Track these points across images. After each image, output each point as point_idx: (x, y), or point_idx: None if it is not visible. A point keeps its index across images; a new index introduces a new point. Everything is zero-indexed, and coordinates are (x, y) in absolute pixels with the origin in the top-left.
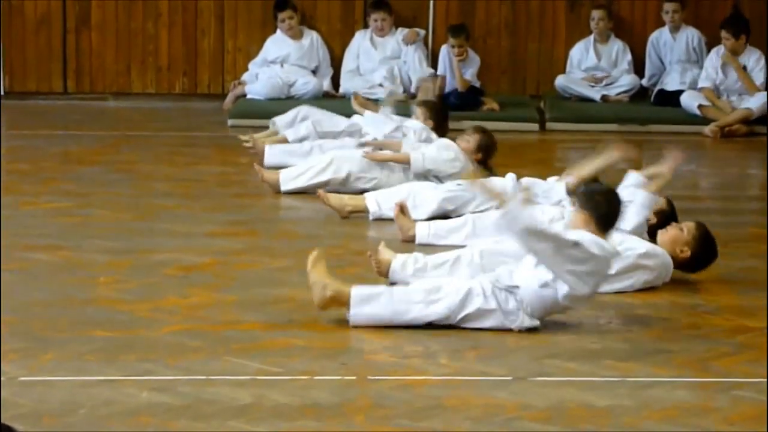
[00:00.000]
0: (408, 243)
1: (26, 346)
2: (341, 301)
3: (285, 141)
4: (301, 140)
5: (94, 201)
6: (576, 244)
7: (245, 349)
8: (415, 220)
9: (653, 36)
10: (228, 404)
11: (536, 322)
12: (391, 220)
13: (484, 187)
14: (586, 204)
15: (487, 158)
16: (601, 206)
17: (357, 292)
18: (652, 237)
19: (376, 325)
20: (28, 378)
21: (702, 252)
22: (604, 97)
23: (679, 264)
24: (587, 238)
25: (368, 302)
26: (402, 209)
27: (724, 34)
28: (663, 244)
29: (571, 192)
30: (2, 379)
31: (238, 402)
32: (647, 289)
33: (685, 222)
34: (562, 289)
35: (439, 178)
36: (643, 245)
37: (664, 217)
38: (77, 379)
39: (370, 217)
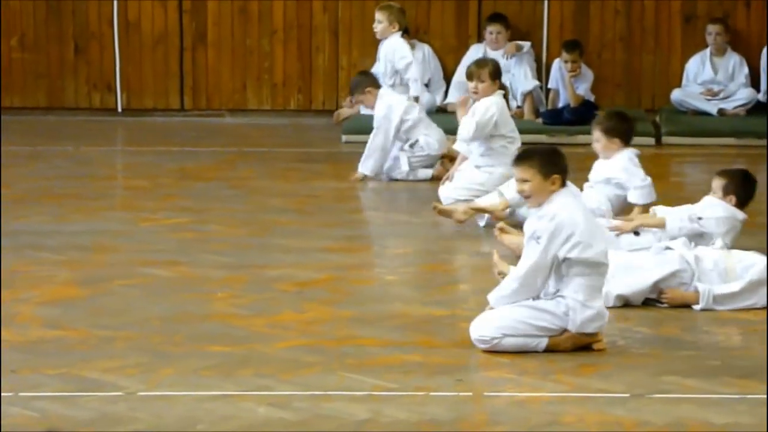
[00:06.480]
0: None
1: (145, 361)
2: None
3: None
4: None
5: (211, 217)
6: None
7: (361, 364)
8: None
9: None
10: (344, 420)
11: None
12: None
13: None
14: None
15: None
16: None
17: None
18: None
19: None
20: (146, 393)
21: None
22: (720, 111)
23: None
24: None
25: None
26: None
27: None
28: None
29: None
30: (121, 393)
31: (355, 418)
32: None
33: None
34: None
35: None
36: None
37: None
38: (195, 394)
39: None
